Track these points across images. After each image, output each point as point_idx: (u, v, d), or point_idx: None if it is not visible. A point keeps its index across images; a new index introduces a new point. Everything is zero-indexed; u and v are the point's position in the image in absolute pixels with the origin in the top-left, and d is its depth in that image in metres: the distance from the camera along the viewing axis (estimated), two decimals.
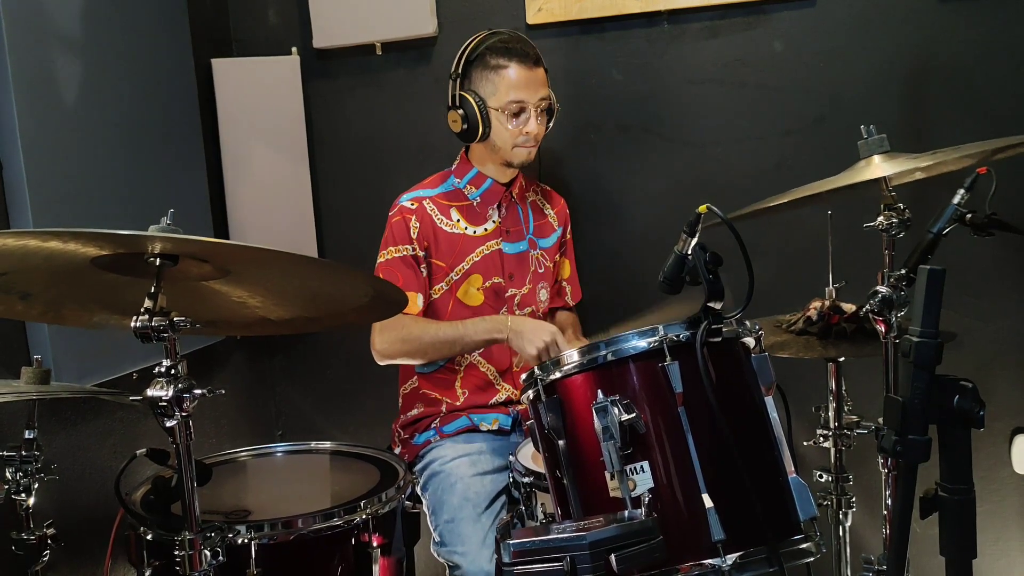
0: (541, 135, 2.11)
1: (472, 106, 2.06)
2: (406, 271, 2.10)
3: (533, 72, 2.06)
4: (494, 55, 2.06)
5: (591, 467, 1.37)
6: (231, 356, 2.72)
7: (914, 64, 2.29)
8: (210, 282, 1.42)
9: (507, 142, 2.09)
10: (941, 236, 1.50)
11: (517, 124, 2.07)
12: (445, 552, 1.95)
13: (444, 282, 2.14)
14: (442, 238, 2.13)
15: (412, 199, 2.15)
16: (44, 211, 1.91)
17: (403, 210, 2.13)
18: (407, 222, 2.11)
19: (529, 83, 2.05)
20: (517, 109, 2.06)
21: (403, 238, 2.11)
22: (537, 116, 2.07)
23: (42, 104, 1.94)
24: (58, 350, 1.93)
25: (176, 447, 1.34)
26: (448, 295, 2.15)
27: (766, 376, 1.42)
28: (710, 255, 1.38)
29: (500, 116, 2.06)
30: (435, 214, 2.14)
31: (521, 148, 2.10)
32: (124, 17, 2.21)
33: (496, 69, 2.06)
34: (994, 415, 2.31)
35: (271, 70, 2.65)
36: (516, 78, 2.05)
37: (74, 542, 1.82)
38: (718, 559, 1.28)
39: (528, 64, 2.05)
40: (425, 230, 2.12)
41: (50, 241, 1.24)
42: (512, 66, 2.05)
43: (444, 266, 2.13)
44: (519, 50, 2.05)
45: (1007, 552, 2.37)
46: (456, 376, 2.18)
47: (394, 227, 2.13)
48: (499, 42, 2.08)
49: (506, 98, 2.05)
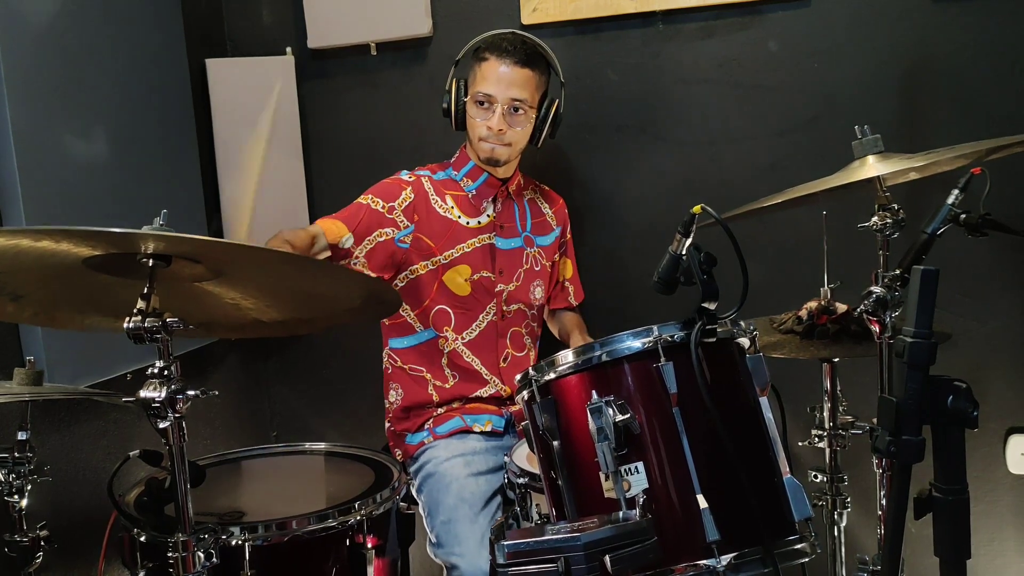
0: (510, 137, 2.10)
1: (452, 93, 2.12)
2: (359, 211, 2.07)
3: (511, 70, 2.06)
4: (484, 48, 2.10)
5: (586, 468, 1.37)
6: (225, 357, 2.71)
7: (909, 64, 2.30)
8: (203, 283, 1.42)
9: (474, 133, 2.11)
10: (935, 236, 1.50)
11: (482, 117, 2.08)
12: (442, 553, 1.94)
13: (430, 261, 2.14)
14: (434, 218, 2.14)
15: (411, 173, 2.18)
16: (36, 211, 1.90)
17: (398, 179, 2.16)
18: (398, 189, 2.13)
19: (502, 79, 2.06)
20: (483, 99, 2.07)
21: (381, 194, 2.12)
22: (504, 113, 2.07)
23: (35, 103, 1.93)
24: (51, 351, 1.92)
25: (169, 448, 1.33)
26: (433, 275, 2.15)
27: (761, 376, 1.42)
28: (704, 255, 1.38)
29: (472, 107, 2.10)
30: (431, 192, 2.16)
31: (485, 143, 2.10)
32: (118, 17, 2.20)
33: (479, 60, 2.10)
34: (988, 415, 2.31)
35: (265, 70, 2.64)
36: (491, 71, 2.07)
37: (67, 544, 1.82)
38: (713, 560, 1.28)
39: (507, 60, 2.06)
40: (418, 203, 2.13)
41: (42, 240, 1.23)
42: (491, 59, 2.07)
43: (433, 246, 2.13)
44: (506, 47, 2.07)
45: (1002, 552, 2.37)
46: (440, 359, 2.18)
47: (383, 185, 2.15)
48: (496, 38, 2.11)
49: (476, 87, 2.09)
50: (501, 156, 2.12)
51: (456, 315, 2.17)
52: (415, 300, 2.17)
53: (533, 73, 2.09)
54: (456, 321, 2.17)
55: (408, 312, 2.18)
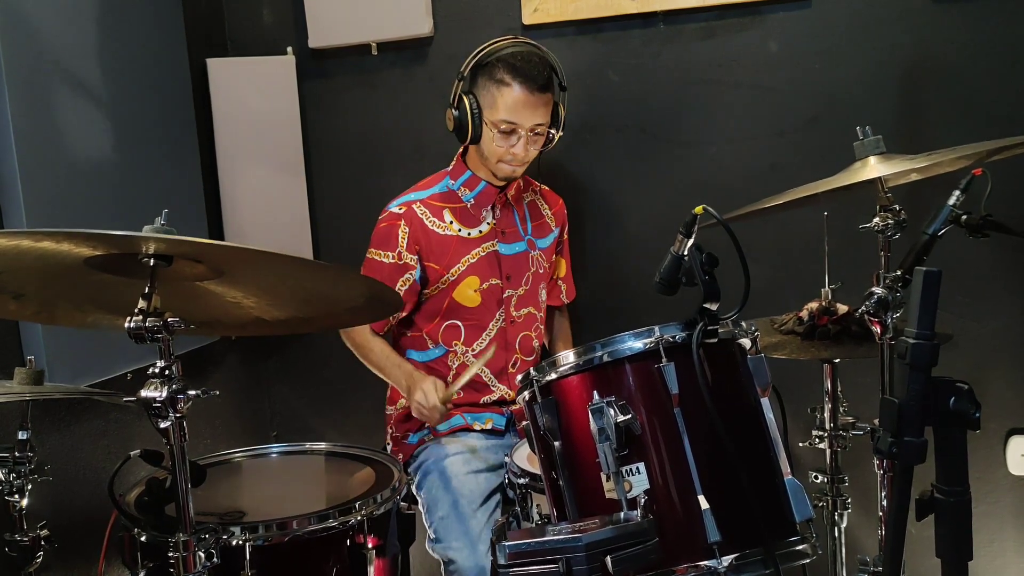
0: (530, 158, 2.10)
1: (466, 111, 2.05)
2: (378, 275, 2.08)
3: (535, 97, 2.02)
4: (502, 69, 2.02)
5: (587, 468, 1.37)
6: (225, 357, 2.71)
7: (909, 65, 2.30)
8: (204, 283, 1.41)
9: (493, 155, 2.08)
10: (937, 237, 1.50)
11: (506, 144, 2.05)
12: (440, 548, 1.95)
13: (441, 282, 2.14)
14: (434, 241, 2.13)
15: (401, 204, 2.15)
16: (37, 211, 1.90)
17: (391, 217, 2.13)
18: (394, 229, 2.11)
19: (527, 107, 2.02)
20: (508, 129, 2.03)
21: (386, 244, 2.12)
22: (528, 141, 2.05)
23: (36, 104, 1.93)
24: (51, 350, 1.92)
25: (170, 448, 1.33)
26: (443, 295, 2.15)
27: (762, 377, 1.42)
28: (706, 256, 1.38)
29: (491, 130, 2.05)
30: (426, 217, 2.14)
31: (505, 165, 2.09)
32: (119, 16, 2.20)
33: (499, 84, 2.02)
34: (989, 416, 2.31)
35: (266, 70, 2.64)
36: (515, 100, 2.01)
37: (67, 543, 1.82)
38: (714, 560, 1.28)
39: (532, 88, 2.01)
40: (415, 234, 2.11)
41: (43, 241, 1.23)
42: (515, 86, 2.01)
43: (439, 268, 2.13)
44: (527, 71, 2.00)
45: (1002, 553, 2.37)
46: (449, 373, 2.18)
47: (380, 232, 2.14)
48: (512, 56, 2.03)
49: (500, 115, 2.02)
50: (519, 174, 2.13)
51: (466, 328, 2.17)
52: (426, 319, 2.18)
53: (551, 95, 2.07)
54: (466, 334, 2.17)
55: (420, 330, 2.20)
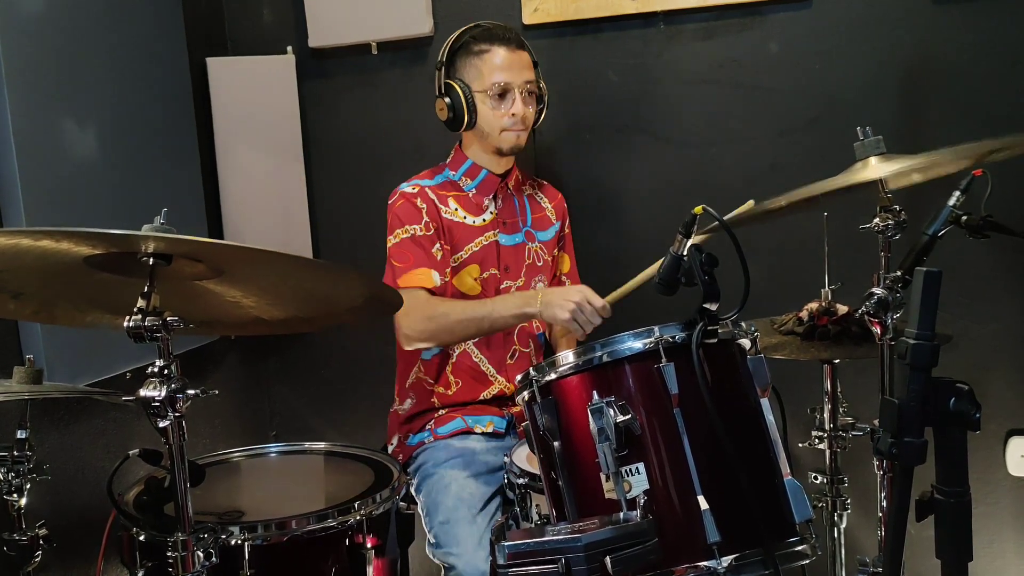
0: (529, 119, 2.10)
1: (457, 93, 2.07)
2: (416, 249, 2.07)
3: (516, 54, 2.07)
4: (476, 41, 2.09)
5: (586, 469, 1.36)
6: (225, 356, 2.71)
7: (910, 65, 2.30)
8: (204, 282, 1.41)
9: (494, 127, 2.08)
10: (937, 238, 1.50)
11: (503, 106, 2.07)
12: (440, 553, 1.94)
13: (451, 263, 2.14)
14: (445, 223, 2.13)
15: (413, 185, 2.15)
16: (37, 210, 1.90)
17: (406, 195, 2.12)
18: (412, 202, 2.10)
19: (512, 64, 2.06)
20: (501, 90, 2.06)
21: (409, 218, 2.09)
22: (523, 98, 2.07)
23: (35, 102, 1.93)
24: (51, 349, 1.92)
25: (169, 448, 1.33)
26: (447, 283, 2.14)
27: (762, 378, 1.42)
28: (706, 256, 1.38)
29: (485, 99, 2.07)
30: (436, 200, 2.14)
31: (509, 132, 2.09)
32: (119, 15, 2.20)
33: (479, 54, 2.07)
34: (989, 417, 2.31)
35: (266, 69, 2.64)
36: (499, 60, 2.06)
37: (66, 543, 1.82)
38: (713, 561, 1.27)
39: (510, 46, 2.07)
40: (432, 211, 2.11)
41: (42, 240, 1.23)
42: (494, 48, 2.06)
43: (448, 249, 2.13)
44: (500, 34, 2.07)
45: (1002, 554, 2.37)
46: (448, 362, 2.17)
47: (398, 210, 2.11)
48: (482, 30, 2.10)
49: (490, 79, 2.06)
50: (523, 141, 2.12)
51: None
52: None
53: (530, 57, 2.11)
54: None
55: None
